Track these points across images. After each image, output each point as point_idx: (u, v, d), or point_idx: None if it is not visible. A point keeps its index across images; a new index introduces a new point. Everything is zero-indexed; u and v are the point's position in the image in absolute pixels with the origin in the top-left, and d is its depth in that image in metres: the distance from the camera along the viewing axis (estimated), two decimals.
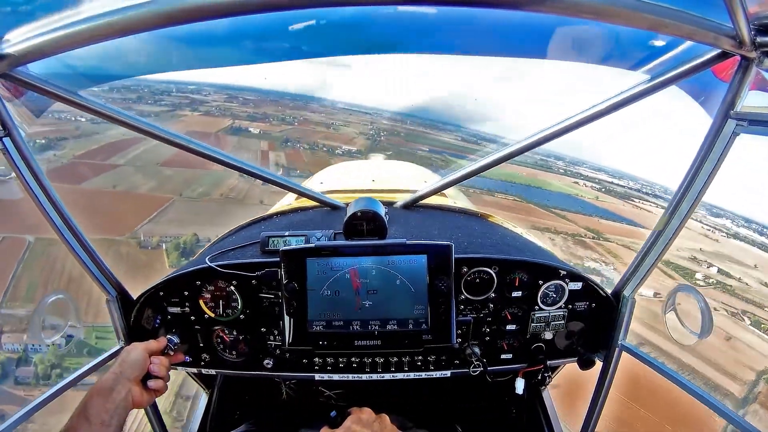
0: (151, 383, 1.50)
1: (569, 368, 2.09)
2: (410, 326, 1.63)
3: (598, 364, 1.95)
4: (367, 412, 1.46)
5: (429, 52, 1.90)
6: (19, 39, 1.25)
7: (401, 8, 1.48)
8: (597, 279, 1.85)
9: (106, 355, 1.88)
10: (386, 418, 1.48)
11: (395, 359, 1.80)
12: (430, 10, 1.57)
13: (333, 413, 1.53)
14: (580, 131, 1.80)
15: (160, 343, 1.65)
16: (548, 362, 1.89)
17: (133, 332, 1.87)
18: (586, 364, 1.90)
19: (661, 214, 1.72)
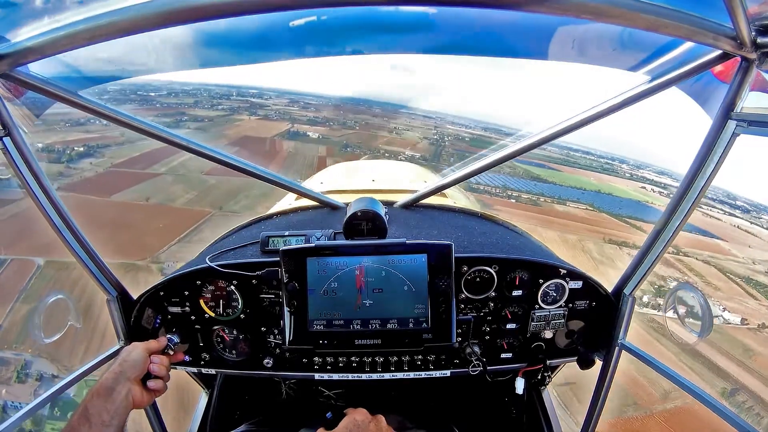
0: (151, 383, 1.50)
1: (568, 367, 2.10)
2: (410, 325, 1.63)
3: (598, 364, 1.96)
4: (362, 413, 1.46)
5: (423, 53, 1.90)
6: (19, 39, 1.25)
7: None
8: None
9: (105, 354, 1.88)
10: (382, 419, 1.48)
11: (395, 359, 1.80)
12: (429, 9, 1.58)
13: (329, 414, 1.53)
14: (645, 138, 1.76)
15: (160, 342, 1.65)
16: (548, 361, 1.89)
17: (133, 332, 1.87)
18: (586, 363, 1.91)
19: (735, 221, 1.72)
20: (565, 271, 1.79)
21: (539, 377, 2.11)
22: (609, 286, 1.90)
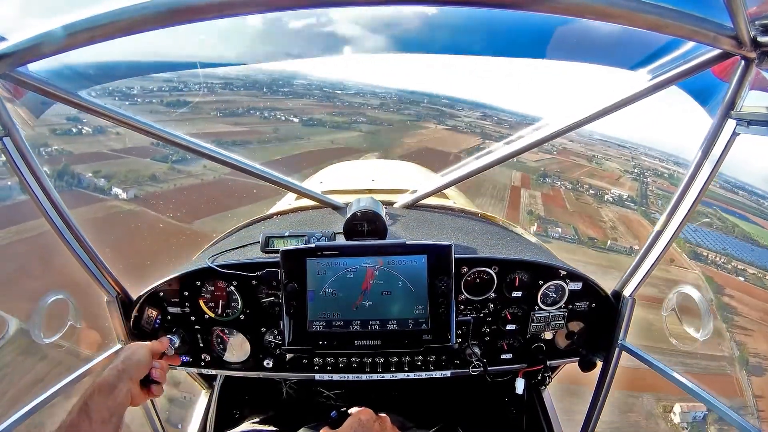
0: (151, 387, 1.50)
1: (568, 366, 2.09)
2: (410, 326, 1.63)
3: (599, 364, 1.95)
4: (367, 413, 1.45)
5: (421, 53, 1.90)
6: (19, 39, 1.25)
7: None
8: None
9: (105, 355, 1.88)
10: (387, 419, 1.48)
11: (395, 359, 1.80)
12: (429, 10, 1.58)
13: (333, 414, 1.53)
14: None
15: (162, 344, 1.65)
16: (548, 362, 1.89)
17: (133, 332, 1.87)
18: (587, 365, 1.90)
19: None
20: (564, 273, 1.78)
21: (539, 378, 2.11)
22: (609, 288, 1.89)
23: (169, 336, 1.76)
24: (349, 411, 1.49)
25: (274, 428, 2.02)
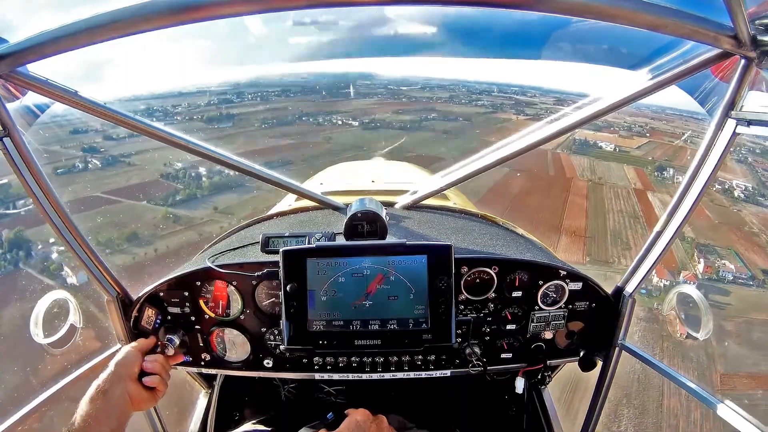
0: (146, 380, 1.49)
1: (567, 366, 2.09)
2: (410, 326, 1.63)
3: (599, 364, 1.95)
4: (363, 414, 1.46)
5: (421, 54, 1.90)
6: (19, 39, 1.25)
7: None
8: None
9: (105, 355, 1.88)
10: (383, 419, 1.48)
11: (395, 359, 1.80)
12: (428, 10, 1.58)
13: (330, 415, 1.54)
14: None
15: (150, 341, 1.66)
16: (548, 362, 1.89)
17: (134, 332, 1.87)
18: (587, 365, 1.90)
19: None
20: (564, 273, 1.78)
21: (539, 377, 2.11)
22: (609, 288, 1.89)
23: (168, 336, 1.76)
24: (346, 412, 1.49)
25: (274, 429, 2.02)
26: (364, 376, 1.82)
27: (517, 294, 1.79)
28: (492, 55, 1.87)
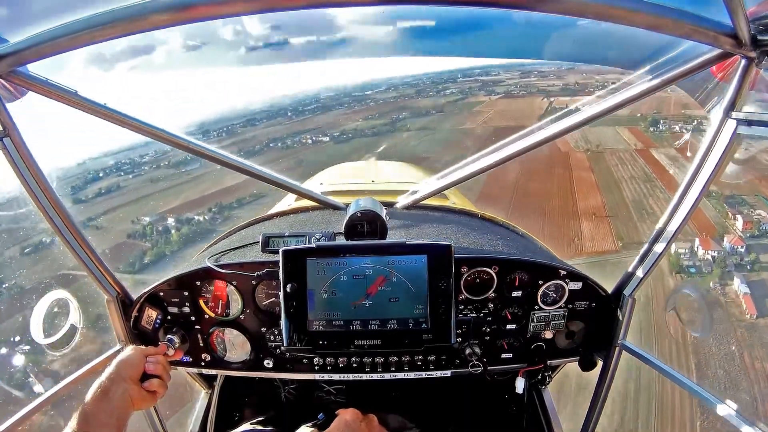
0: (147, 383, 1.48)
1: (568, 366, 2.09)
2: (410, 326, 1.63)
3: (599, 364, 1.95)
4: (352, 413, 1.47)
5: (422, 55, 1.90)
6: (19, 39, 1.25)
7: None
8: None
9: (105, 355, 1.88)
10: (374, 418, 1.49)
11: (395, 359, 1.80)
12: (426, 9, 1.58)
13: (321, 415, 1.57)
14: None
15: (158, 349, 1.61)
16: (548, 362, 1.89)
17: (134, 332, 1.87)
18: (587, 365, 1.90)
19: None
20: (564, 272, 1.78)
21: (539, 377, 2.11)
22: (609, 287, 1.89)
23: (168, 336, 1.76)
24: (336, 412, 1.50)
25: (274, 429, 2.02)
26: (364, 377, 1.82)
27: (517, 294, 1.79)
28: (494, 55, 1.88)
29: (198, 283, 1.77)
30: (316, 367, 1.82)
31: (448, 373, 1.85)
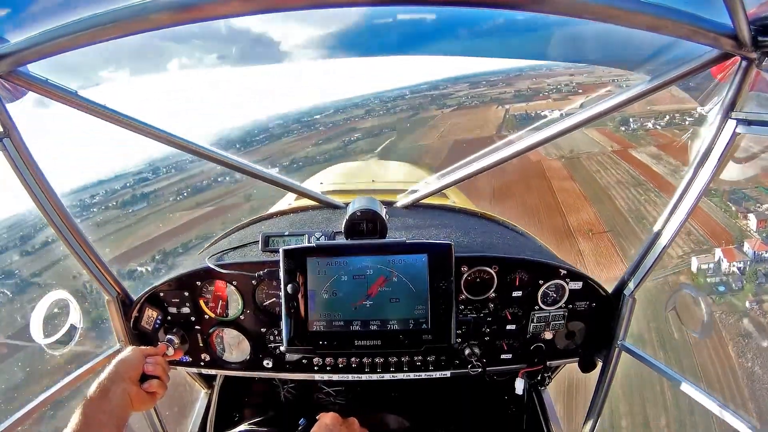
0: (146, 386, 1.48)
1: (567, 366, 2.09)
2: (410, 326, 1.63)
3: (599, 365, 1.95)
4: (332, 417, 1.49)
5: (424, 54, 1.90)
6: (19, 39, 1.25)
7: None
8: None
9: (105, 355, 1.88)
10: (354, 421, 1.51)
11: (395, 359, 1.80)
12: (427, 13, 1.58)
13: (302, 421, 1.60)
14: None
15: (158, 349, 1.61)
16: (548, 362, 1.89)
17: (134, 333, 1.87)
18: (587, 366, 1.90)
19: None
20: (565, 272, 1.78)
21: (539, 378, 2.11)
22: (609, 287, 1.89)
23: (168, 336, 1.76)
24: (317, 417, 1.53)
25: (273, 429, 2.02)
26: (364, 377, 1.82)
27: (517, 293, 1.79)
28: (494, 54, 1.87)
29: (198, 283, 1.77)
30: (316, 368, 1.82)
31: (448, 373, 1.85)
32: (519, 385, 1.97)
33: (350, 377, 1.82)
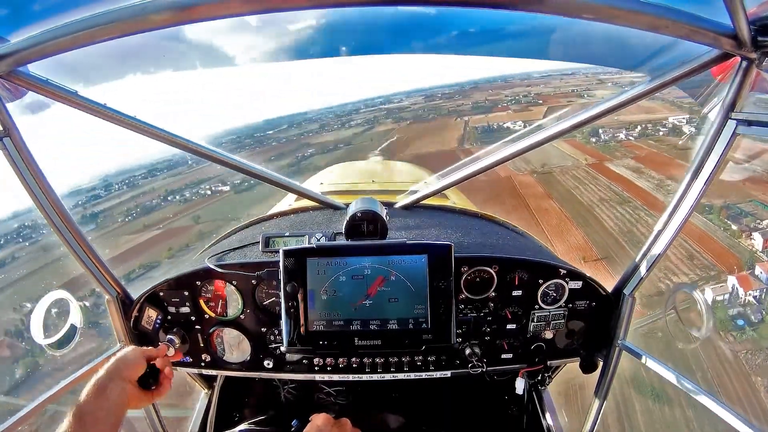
0: (149, 388, 1.48)
1: (567, 366, 2.09)
2: (410, 326, 1.63)
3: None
4: (323, 418, 1.49)
5: (427, 53, 1.89)
6: (20, 39, 1.25)
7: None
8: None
9: (105, 355, 1.87)
10: (347, 422, 1.51)
11: (395, 359, 1.80)
12: (429, 10, 1.58)
13: (294, 422, 1.60)
14: None
15: (159, 350, 1.60)
16: (549, 362, 1.89)
17: (134, 333, 1.87)
18: (588, 367, 1.90)
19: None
20: (564, 272, 1.78)
21: (539, 377, 2.11)
22: (609, 287, 1.89)
23: (168, 336, 1.76)
24: (310, 418, 1.52)
25: (274, 429, 2.02)
26: (364, 377, 1.81)
27: (517, 293, 1.79)
28: (494, 54, 1.87)
29: (198, 283, 1.77)
30: (316, 368, 1.82)
31: (448, 373, 1.85)
32: (519, 385, 1.97)
33: (350, 377, 1.82)
